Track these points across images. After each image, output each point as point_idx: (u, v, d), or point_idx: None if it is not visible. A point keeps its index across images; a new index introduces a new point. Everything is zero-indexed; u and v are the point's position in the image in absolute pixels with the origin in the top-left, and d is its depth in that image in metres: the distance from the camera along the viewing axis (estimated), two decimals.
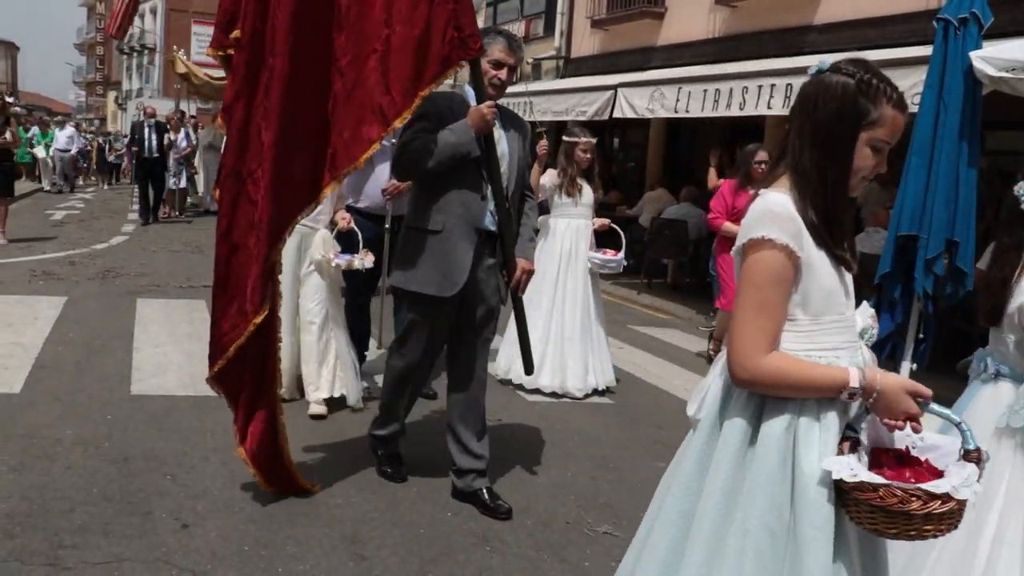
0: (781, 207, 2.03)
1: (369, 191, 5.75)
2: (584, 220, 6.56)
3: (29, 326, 7.00)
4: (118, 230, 14.73)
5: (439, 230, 4.03)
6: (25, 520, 3.65)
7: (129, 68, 60.24)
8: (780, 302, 2.03)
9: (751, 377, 2.02)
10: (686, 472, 2.17)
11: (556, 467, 4.88)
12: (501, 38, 4.20)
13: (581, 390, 6.27)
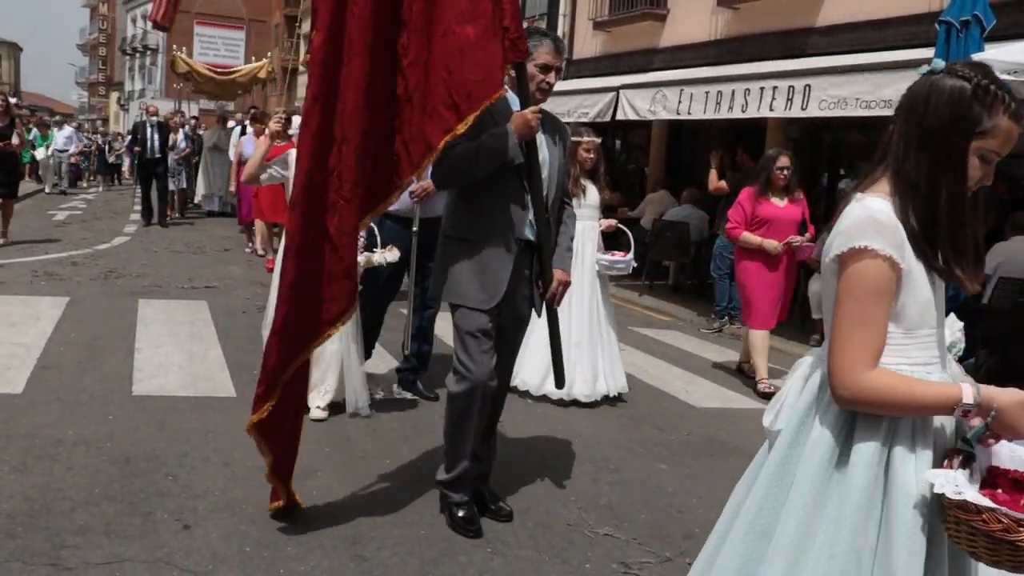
0: (885, 216, 1.92)
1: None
2: (590, 221, 6.36)
3: (31, 326, 7.01)
4: (120, 230, 14.74)
5: (478, 240, 3.84)
6: (27, 520, 3.65)
7: (131, 69, 60.34)
8: (882, 315, 1.92)
9: (854, 396, 1.90)
10: (763, 486, 2.06)
11: (557, 469, 4.88)
12: (547, 40, 4.00)
13: (589, 397, 6.11)
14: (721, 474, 5.04)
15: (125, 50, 60.89)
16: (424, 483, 4.43)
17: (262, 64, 18.89)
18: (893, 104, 6.85)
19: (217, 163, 17.23)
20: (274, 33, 47.43)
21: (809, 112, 8.42)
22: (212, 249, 12.89)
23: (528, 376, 6.13)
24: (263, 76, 18.46)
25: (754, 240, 6.94)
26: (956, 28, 6.18)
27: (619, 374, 6.38)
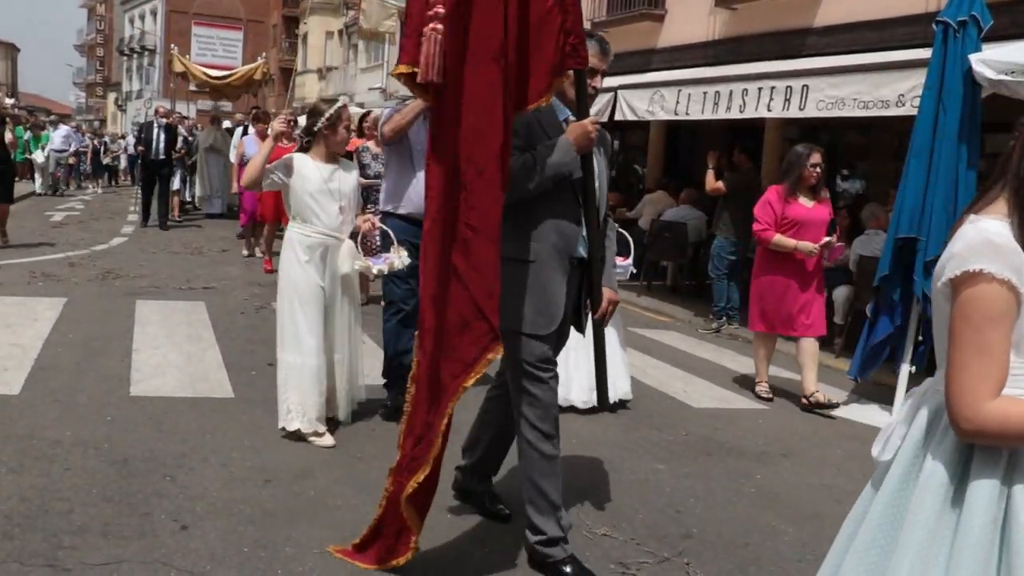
0: (1003, 238, 1.80)
1: (412, 195, 5.26)
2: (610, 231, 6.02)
3: (28, 327, 7.00)
4: (118, 231, 14.73)
5: (532, 260, 3.57)
6: (24, 521, 3.65)
7: (129, 70, 60.33)
8: (1002, 342, 1.79)
9: (977, 428, 1.79)
10: (874, 523, 1.98)
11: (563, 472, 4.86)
12: (593, 42, 3.74)
13: (587, 403, 5.87)
14: (719, 474, 5.05)
15: (123, 51, 60.86)
16: None
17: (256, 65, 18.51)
18: (891, 104, 6.80)
19: (213, 164, 17.07)
20: (272, 34, 47.41)
21: (807, 112, 8.42)
22: (210, 250, 12.88)
23: (577, 396, 5.91)
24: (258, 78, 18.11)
25: (788, 243, 6.51)
26: (953, 28, 6.18)
27: (622, 380, 6.12)
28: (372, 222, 5.16)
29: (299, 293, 4.81)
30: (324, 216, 4.87)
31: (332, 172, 4.92)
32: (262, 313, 8.33)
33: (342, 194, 4.94)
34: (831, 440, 5.94)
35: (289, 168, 4.86)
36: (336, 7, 37.63)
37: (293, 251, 4.85)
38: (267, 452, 4.70)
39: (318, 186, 4.84)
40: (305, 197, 4.84)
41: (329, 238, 4.90)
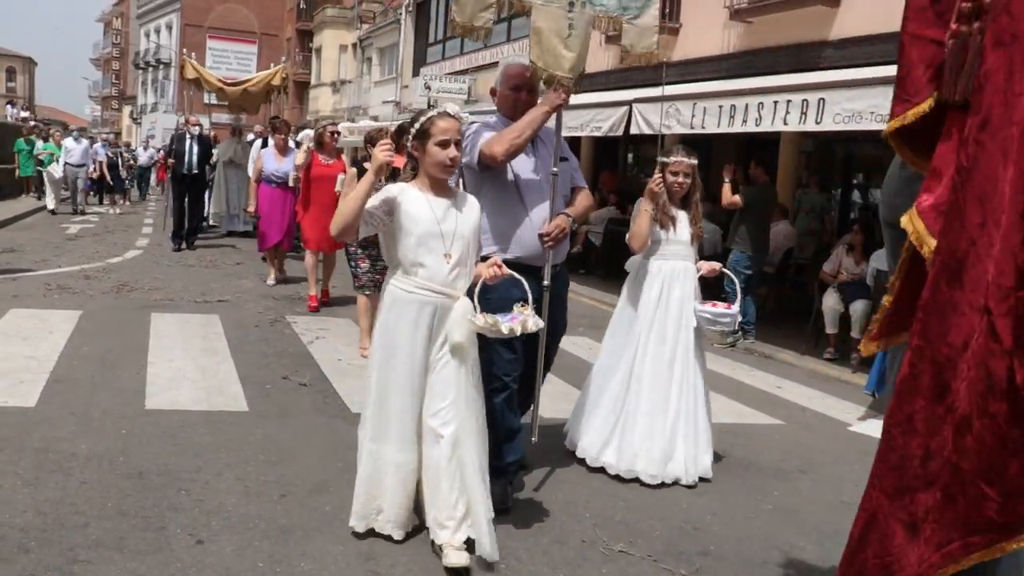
0: None
1: (523, 237, 4.38)
2: (681, 261, 5.16)
3: (44, 340, 7.02)
4: (133, 244, 14.78)
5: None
6: (40, 535, 3.64)
7: (144, 83, 60.73)
8: None
9: None
10: None
11: (571, 485, 4.84)
12: None
13: (655, 477, 4.90)
14: (736, 490, 5.00)
15: (138, 64, 61.29)
16: None
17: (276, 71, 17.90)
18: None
19: (234, 179, 16.03)
20: (285, 47, 47.62)
21: (824, 126, 8.39)
22: (224, 263, 12.91)
23: (586, 443, 5.15)
24: (277, 83, 17.64)
25: None
26: None
27: (704, 454, 5.11)
28: (498, 266, 3.75)
29: (397, 367, 3.68)
30: (434, 267, 3.63)
31: (446, 209, 3.69)
32: (277, 326, 8.33)
33: (458, 238, 3.67)
34: (849, 456, 5.89)
35: (391, 205, 3.65)
36: (350, 21, 37.80)
37: (394, 311, 3.69)
38: (282, 466, 4.68)
39: (428, 228, 3.63)
40: (410, 242, 3.63)
41: (440, 296, 3.66)
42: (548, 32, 4.39)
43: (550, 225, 4.37)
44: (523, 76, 4.50)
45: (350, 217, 3.58)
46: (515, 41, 20.31)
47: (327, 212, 8.62)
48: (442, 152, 3.61)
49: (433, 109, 3.69)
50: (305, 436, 5.22)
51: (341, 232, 3.65)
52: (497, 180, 4.38)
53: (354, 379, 6.58)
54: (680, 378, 5.04)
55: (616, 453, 5.00)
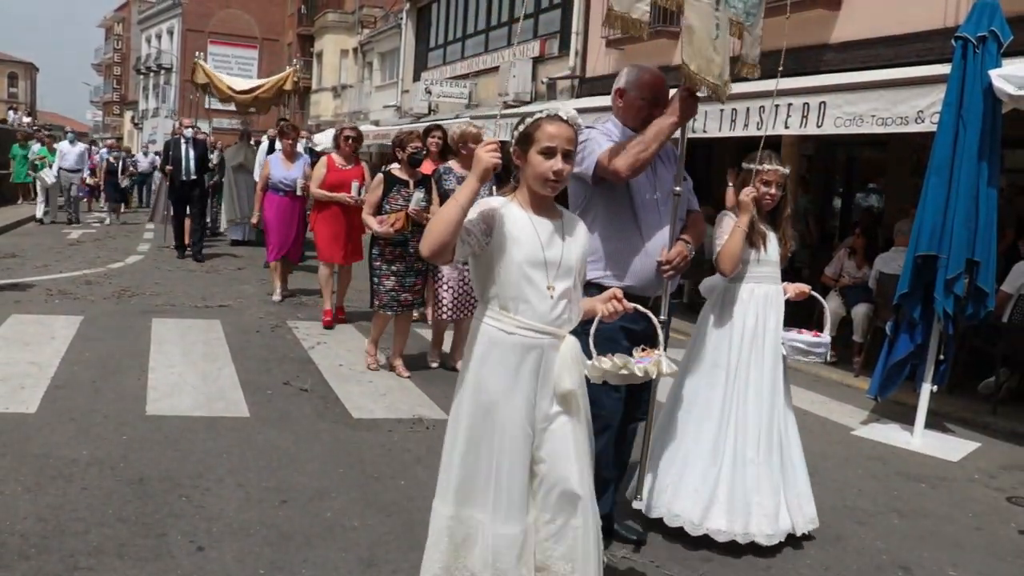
0: None
1: (637, 264, 3.86)
2: (773, 285, 4.46)
3: (45, 345, 7.01)
4: (134, 249, 14.77)
5: None
6: (40, 541, 3.63)
7: (146, 88, 60.80)
8: None
9: None
10: None
11: None
12: None
13: (772, 536, 4.19)
14: None
15: (139, 69, 61.36)
16: None
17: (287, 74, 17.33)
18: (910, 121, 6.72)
19: (243, 184, 15.35)
20: (287, 52, 47.68)
21: (825, 129, 8.37)
22: (225, 268, 12.89)
23: (683, 506, 4.25)
24: (289, 88, 17.25)
25: None
26: (972, 44, 6.13)
27: (807, 501, 4.42)
28: (617, 298, 3.05)
29: (497, 424, 2.91)
30: (537, 302, 2.91)
31: (551, 234, 2.98)
32: (278, 331, 8.32)
33: (564, 268, 2.97)
34: (851, 460, 5.87)
35: (491, 222, 2.91)
36: (351, 25, 37.83)
37: (492, 358, 2.94)
38: (283, 472, 4.67)
39: (531, 254, 2.91)
40: (510, 271, 2.90)
41: (545, 336, 2.94)
42: (700, 31, 3.78)
43: (671, 252, 3.84)
44: (663, 88, 3.98)
45: (447, 234, 2.78)
46: (516, 46, 20.32)
47: (342, 221, 8.50)
48: (545, 163, 2.89)
49: (542, 110, 2.99)
50: (306, 442, 5.21)
51: (436, 252, 2.83)
52: (611, 198, 3.85)
53: (355, 384, 6.58)
54: (782, 417, 4.40)
55: (727, 514, 4.18)
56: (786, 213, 4.60)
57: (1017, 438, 6.64)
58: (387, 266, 6.83)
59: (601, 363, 3.00)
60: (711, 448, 4.27)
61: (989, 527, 4.83)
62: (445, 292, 7.09)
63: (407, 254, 6.82)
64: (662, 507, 4.27)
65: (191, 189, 13.73)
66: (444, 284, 7.09)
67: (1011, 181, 9.24)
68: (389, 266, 6.83)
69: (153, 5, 60.56)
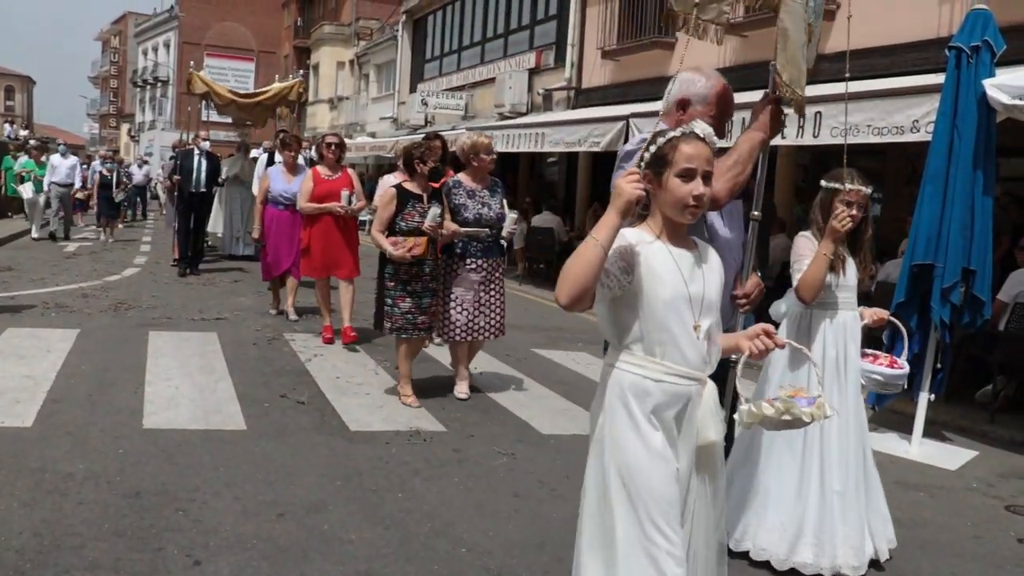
0: None
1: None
2: (851, 311, 4.27)
3: (41, 359, 7.00)
4: (130, 262, 14.76)
5: None
6: (36, 557, 3.62)
7: (142, 101, 60.96)
8: None
9: None
10: None
11: (571, 501, 4.80)
12: None
13: (857, 568, 4.05)
14: None
15: (136, 82, 61.51)
16: (437, 518, 4.38)
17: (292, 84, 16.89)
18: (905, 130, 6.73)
19: (238, 197, 15.14)
20: (283, 64, 47.77)
21: (821, 139, 8.39)
22: (222, 280, 12.88)
23: (768, 540, 4.12)
24: (293, 98, 16.99)
25: None
26: (966, 54, 6.16)
27: (887, 523, 4.32)
28: (768, 334, 2.76)
29: (651, 489, 2.58)
30: (685, 343, 2.63)
31: (692, 266, 2.68)
32: (275, 344, 8.31)
33: (707, 303, 2.69)
34: None
35: (630, 260, 2.61)
36: (347, 38, 37.93)
37: (626, 407, 2.63)
38: (280, 485, 4.66)
39: (676, 290, 2.62)
40: (655, 311, 2.61)
41: (694, 382, 2.66)
42: (794, 37, 3.52)
43: (748, 285, 3.64)
44: (731, 98, 3.64)
45: (589, 278, 2.50)
46: (511, 57, 20.37)
47: (335, 233, 8.30)
48: (684, 187, 2.59)
49: (676, 128, 2.68)
50: (303, 454, 5.19)
51: (576, 299, 2.52)
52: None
53: (352, 396, 6.56)
54: (865, 444, 4.27)
55: (814, 548, 4.05)
56: (867, 235, 4.32)
57: (1015, 446, 6.64)
58: (402, 287, 6.35)
59: (762, 409, 2.69)
60: (796, 482, 4.12)
61: (988, 536, 4.83)
62: (458, 314, 6.54)
63: (423, 273, 6.37)
64: (747, 541, 4.15)
65: (200, 201, 13.56)
66: (457, 305, 6.54)
67: (1006, 189, 9.25)
68: (404, 287, 6.34)
69: (150, 18, 60.79)
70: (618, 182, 2.52)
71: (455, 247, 6.53)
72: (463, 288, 6.54)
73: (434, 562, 3.89)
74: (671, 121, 3.49)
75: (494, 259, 6.70)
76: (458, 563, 3.90)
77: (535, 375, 7.70)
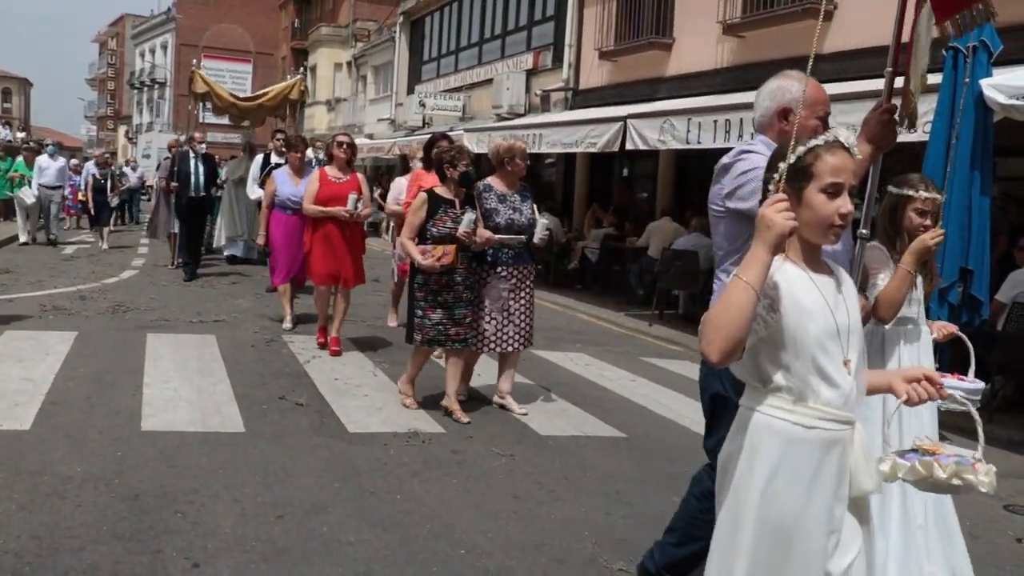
0: None
1: None
2: (924, 327, 4.00)
3: (40, 361, 6.99)
4: (128, 264, 14.74)
5: None
6: (35, 560, 3.61)
7: (140, 103, 60.95)
8: None
9: None
10: None
11: (570, 503, 4.82)
12: None
13: None
14: None
15: (133, 84, 61.53)
16: (435, 519, 4.38)
17: (293, 83, 16.73)
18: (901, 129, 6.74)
19: (243, 200, 14.25)
20: (280, 66, 47.81)
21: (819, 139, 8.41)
22: (220, 283, 12.88)
23: None
24: (295, 97, 16.74)
25: None
26: (963, 53, 6.17)
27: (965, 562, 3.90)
28: (930, 380, 2.40)
29: (792, 551, 2.31)
30: (839, 381, 2.33)
31: (834, 292, 2.39)
32: (273, 346, 8.30)
33: (854, 334, 2.40)
34: None
35: (774, 296, 2.29)
36: (344, 39, 37.93)
37: (781, 461, 2.31)
38: (278, 487, 4.66)
39: (826, 323, 2.32)
40: (806, 347, 2.30)
41: (847, 426, 2.35)
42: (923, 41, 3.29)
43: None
44: (827, 102, 3.33)
45: (743, 328, 2.18)
46: (509, 58, 20.38)
47: (339, 239, 7.94)
48: (830, 203, 2.29)
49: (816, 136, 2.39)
50: (302, 456, 5.19)
51: (729, 354, 2.20)
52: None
53: (351, 398, 6.56)
54: None
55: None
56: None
57: (1014, 446, 6.65)
58: (432, 297, 6.07)
59: (934, 472, 2.25)
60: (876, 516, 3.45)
61: (987, 536, 4.83)
62: (487, 324, 6.31)
63: (454, 283, 6.08)
64: None
65: (200, 205, 13.27)
66: (486, 315, 6.30)
67: (1004, 190, 9.26)
68: (435, 297, 6.07)
69: (147, 20, 60.81)
70: (765, 212, 2.20)
71: (486, 255, 6.28)
72: (492, 297, 6.29)
73: (433, 563, 3.89)
74: (774, 133, 3.30)
75: (525, 266, 6.42)
76: (457, 564, 3.90)
77: (533, 376, 7.70)
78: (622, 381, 8.06)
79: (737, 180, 2.84)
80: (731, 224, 3.23)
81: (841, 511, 2.34)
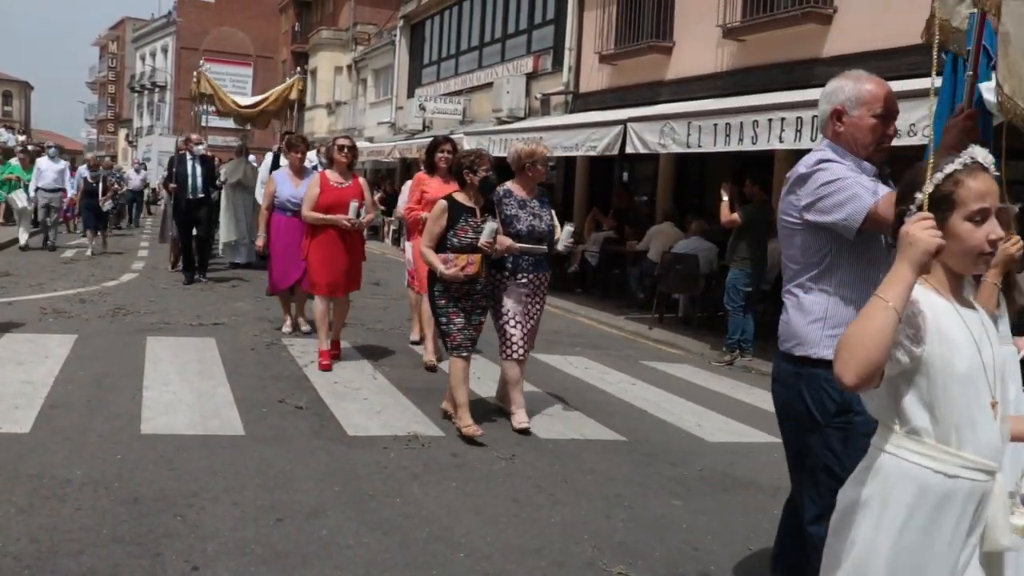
0: None
1: None
2: (1009, 347, 3.71)
3: (39, 364, 6.99)
4: (128, 267, 14.74)
5: None
6: (34, 563, 3.61)
7: (140, 106, 60.99)
8: None
9: None
10: None
11: (569, 506, 4.82)
12: None
13: None
14: (736, 510, 4.98)
15: (134, 87, 61.57)
16: (435, 523, 4.38)
17: (291, 84, 16.84)
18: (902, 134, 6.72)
19: (241, 202, 14.47)
20: (281, 69, 47.86)
21: (819, 143, 8.41)
22: (220, 286, 12.88)
23: None
24: (294, 97, 16.76)
25: None
26: (963, 57, 6.16)
27: None
28: None
29: None
30: (986, 427, 2.15)
31: (980, 326, 2.23)
32: (273, 349, 8.30)
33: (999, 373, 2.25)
34: None
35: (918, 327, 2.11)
36: (345, 42, 37.96)
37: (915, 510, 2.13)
38: (278, 490, 4.65)
39: (974, 360, 2.16)
40: (953, 387, 2.13)
41: (989, 477, 2.15)
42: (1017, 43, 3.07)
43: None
44: (893, 97, 3.16)
45: (882, 352, 2.01)
46: (509, 62, 20.40)
47: (339, 247, 7.60)
48: (978, 232, 2.13)
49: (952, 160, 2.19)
50: (302, 460, 5.19)
51: (866, 379, 2.01)
52: (863, 252, 3.01)
53: (350, 402, 6.56)
54: None
55: None
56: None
57: None
58: (454, 303, 5.92)
59: None
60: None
61: None
62: (513, 328, 6.11)
63: (474, 291, 5.95)
64: None
65: (198, 208, 13.10)
66: (510, 320, 6.11)
67: (1017, 193, 9.26)
68: (456, 303, 5.92)
69: (147, 23, 60.88)
70: (910, 230, 2.04)
71: (505, 262, 6.09)
72: (513, 300, 6.13)
73: (432, 567, 3.88)
74: (830, 131, 3.17)
75: (544, 273, 6.30)
76: (456, 568, 3.89)
77: (532, 379, 7.69)
78: (622, 384, 8.06)
79: (818, 192, 2.76)
80: (808, 237, 3.06)
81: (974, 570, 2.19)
